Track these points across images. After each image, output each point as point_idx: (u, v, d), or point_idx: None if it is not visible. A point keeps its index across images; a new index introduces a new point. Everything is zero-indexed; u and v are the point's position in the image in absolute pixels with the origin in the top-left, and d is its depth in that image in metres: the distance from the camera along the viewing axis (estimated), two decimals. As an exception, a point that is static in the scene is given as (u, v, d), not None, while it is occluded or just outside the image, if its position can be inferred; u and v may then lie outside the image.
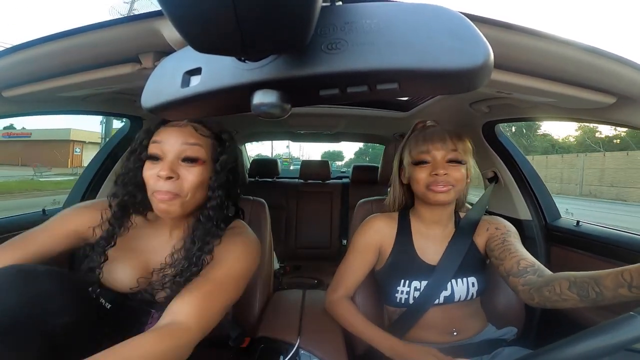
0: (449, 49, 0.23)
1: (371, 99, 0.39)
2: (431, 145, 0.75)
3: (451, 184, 0.74)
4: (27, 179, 12.71)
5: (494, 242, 0.77)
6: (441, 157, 0.75)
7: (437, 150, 0.75)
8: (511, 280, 0.68)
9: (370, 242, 0.82)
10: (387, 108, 1.46)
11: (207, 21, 0.20)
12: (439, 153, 0.75)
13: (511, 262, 0.69)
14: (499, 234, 0.78)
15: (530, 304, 0.65)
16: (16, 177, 12.91)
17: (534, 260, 0.69)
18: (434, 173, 0.74)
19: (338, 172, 4.01)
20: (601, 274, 0.55)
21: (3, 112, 0.83)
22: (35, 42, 0.58)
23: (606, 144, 17.44)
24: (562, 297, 0.58)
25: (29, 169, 16.86)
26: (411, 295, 0.77)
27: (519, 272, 0.67)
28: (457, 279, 0.76)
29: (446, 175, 0.74)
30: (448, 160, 0.75)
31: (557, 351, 0.39)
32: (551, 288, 0.59)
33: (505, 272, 0.70)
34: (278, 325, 0.83)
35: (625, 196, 12.21)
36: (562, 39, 0.52)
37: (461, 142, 0.76)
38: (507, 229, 0.80)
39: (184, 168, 0.60)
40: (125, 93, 0.89)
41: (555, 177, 14.49)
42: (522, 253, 0.71)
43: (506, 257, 0.71)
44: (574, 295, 0.57)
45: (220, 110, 0.34)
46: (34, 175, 13.94)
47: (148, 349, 0.45)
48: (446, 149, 0.75)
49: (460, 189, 0.76)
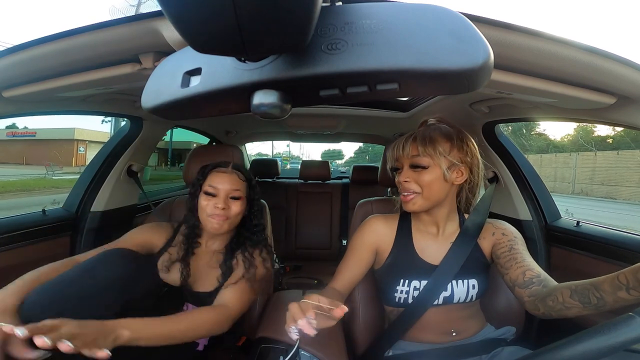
0: (449, 49, 0.23)
1: (371, 99, 0.39)
2: (399, 151, 0.76)
3: (415, 191, 0.74)
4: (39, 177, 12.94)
5: (500, 250, 0.76)
6: (406, 163, 0.75)
7: (402, 157, 0.76)
8: (517, 291, 0.68)
9: (366, 241, 0.82)
10: (387, 108, 1.46)
11: (207, 21, 0.20)
12: (404, 159, 0.75)
13: (517, 273, 0.69)
14: (506, 241, 0.77)
15: (536, 315, 0.64)
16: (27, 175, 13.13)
17: (540, 271, 0.68)
18: (400, 180, 0.76)
19: (338, 172, 4.01)
20: (599, 279, 0.55)
21: (3, 112, 0.83)
22: (35, 42, 0.58)
23: (598, 144, 17.59)
24: (565, 305, 0.58)
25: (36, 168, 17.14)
26: (410, 294, 0.76)
27: (525, 283, 0.66)
28: (457, 280, 0.76)
29: (406, 182, 0.74)
30: (410, 166, 0.75)
31: (557, 351, 0.39)
32: (554, 298, 0.59)
33: (510, 281, 0.70)
34: (278, 325, 0.83)
35: (616, 194, 12.49)
36: (562, 39, 0.52)
37: (431, 145, 0.72)
38: (514, 235, 0.78)
39: (231, 202, 0.86)
40: (125, 93, 0.89)
41: (549, 175, 14.76)
42: (529, 263, 0.70)
43: (512, 266, 0.71)
44: (577, 302, 0.57)
45: (220, 111, 0.34)
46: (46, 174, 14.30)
47: (205, 316, 0.73)
48: (407, 155, 0.74)
49: (431, 193, 0.74)
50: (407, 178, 0.74)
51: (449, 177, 0.73)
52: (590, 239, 1.02)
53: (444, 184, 0.74)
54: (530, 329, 1.10)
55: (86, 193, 1.21)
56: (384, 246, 0.82)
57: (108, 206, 1.23)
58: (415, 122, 0.87)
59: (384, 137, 2.25)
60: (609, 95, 0.67)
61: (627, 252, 0.91)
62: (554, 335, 0.44)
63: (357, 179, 2.30)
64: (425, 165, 0.73)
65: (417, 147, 0.73)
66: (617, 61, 0.56)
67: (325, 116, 1.59)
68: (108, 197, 1.23)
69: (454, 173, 0.74)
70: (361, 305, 0.90)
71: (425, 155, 0.72)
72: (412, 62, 0.23)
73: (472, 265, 0.77)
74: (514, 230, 0.80)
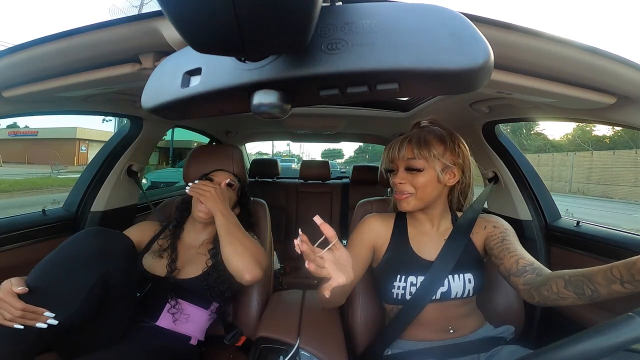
0: (449, 49, 0.23)
1: (371, 99, 0.39)
2: (394, 153, 0.78)
3: (409, 192, 0.76)
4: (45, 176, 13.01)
5: (492, 241, 0.78)
6: (401, 165, 0.78)
7: (397, 159, 0.78)
8: (512, 279, 0.69)
9: (364, 239, 0.84)
10: (387, 108, 1.46)
11: (207, 21, 0.20)
12: (399, 162, 0.78)
13: (510, 262, 0.71)
14: (498, 233, 0.79)
15: (532, 303, 0.65)
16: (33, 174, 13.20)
17: (532, 259, 0.70)
18: (395, 181, 0.78)
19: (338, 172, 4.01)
20: (592, 271, 0.56)
21: (3, 112, 0.83)
22: (36, 42, 0.58)
23: (595, 144, 17.66)
24: (560, 295, 0.59)
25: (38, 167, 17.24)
26: (407, 290, 0.77)
27: (519, 272, 0.68)
28: (453, 275, 0.77)
29: (402, 184, 0.77)
30: (406, 168, 0.77)
31: (557, 352, 0.39)
32: (548, 287, 0.60)
33: (505, 271, 0.71)
34: (278, 325, 0.83)
35: (612, 193, 12.63)
36: (562, 39, 0.52)
37: (426, 147, 0.74)
38: (505, 227, 0.81)
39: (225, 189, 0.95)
40: (125, 93, 0.89)
41: (546, 174, 14.90)
42: (521, 252, 0.72)
43: (505, 256, 0.73)
44: (571, 293, 0.57)
45: (221, 111, 0.34)
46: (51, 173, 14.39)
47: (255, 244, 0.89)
48: (403, 157, 0.77)
49: (425, 194, 0.77)
50: (403, 180, 0.77)
51: (442, 179, 0.76)
52: (590, 239, 1.02)
53: (437, 185, 0.77)
54: (530, 328, 1.10)
55: (86, 193, 1.21)
56: (381, 242, 0.84)
57: (108, 206, 1.23)
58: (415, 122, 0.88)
59: (384, 137, 2.25)
60: (609, 95, 0.67)
61: (627, 252, 0.91)
62: (554, 335, 0.44)
63: (357, 179, 2.30)
64: (420, 167, 0.75)
65: (412, 149, 0.76)
66: (618, 61, 0.56)
67: (325, 116, 1.59)
68: (108, 197, 1.23)
69: (447, 175, 0.77)
70: (361, 305, 0.91)
71: (420, 158, 0.75)
72: (412, 62, 0.23)
73: (467, 260, 0.79)
74: (504, 222, 0.83)
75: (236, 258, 0.82)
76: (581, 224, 1.10)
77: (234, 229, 0.85)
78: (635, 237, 0.93)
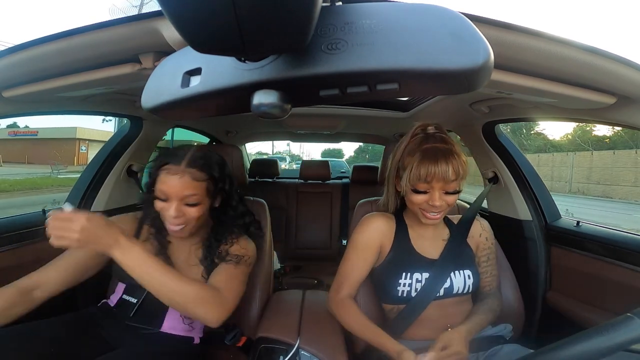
0: (449, 49, 0.23)
1: (371, 99, 0.39)
2: (432, 179, 0.72)
3: (444, 209, 0.76)
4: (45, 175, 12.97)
5: (481, 256, 0.88)
6: (439, 188, 0.73)
7: (437, 184, 0.73)
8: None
9: (371, 239, 0.83)
10: (387, 108, 1.46)
11: (207, 21, 0.20)
12: (438, 185, 0.73)
13: (483, 283, 0.87)
14: (486, 248, 0.89)
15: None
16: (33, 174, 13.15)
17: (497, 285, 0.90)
18: (430, 203, 0.74)
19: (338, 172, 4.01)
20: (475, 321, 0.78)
21: (3, 112, 0.83)
22: (36, 42, 0.58)
23: (595, 144, 17.67)
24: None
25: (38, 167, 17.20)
26: (413, 287, 0.78)
27: (481, 294, 0.88)
28: (454, 272, 0.80)
29: (441, 205, 0.74)
30: (445, 192, 0.74)
31: (556, 352, 0.39)
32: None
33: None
34: (278, 325, 0.83)
35: (612, 193, 12.64)
36: (562, 39, 0.52)
37: (461, 163, 0.72)
38: (492, 241, 0.90)
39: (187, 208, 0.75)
40: (125, 93, 0.89)
41: (546, 174, 14.87)
42: (494, 276, 0.89)
43: (482, 276, 0.86)
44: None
45: (220, 111, 0.34)
46: (51, 173, 14.32)
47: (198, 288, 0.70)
48: (447, 182, 0.72)
49: (450, 207, 0.77)
50: (440, 202, 0.73)
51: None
52: (590, 239, 1.02)
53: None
54: (530, 328, 1.10)
55: (86, 193, 1.20)
56: (386, 242, 0.84)
57: (108, 206, 1.23)
58: (415, 122, 0.87)
59: (384, 137, 2.25)
60: (609, 95, 0.67)
61: (627, 252, 0.91)
62: (553, 334, 0.44)
63: (357, 179, 2.30)
64: (459, 189, 0.75)
65: (455, 171, 0.72)
66: (618, 61, 0.56)
67: (325, 116, 1.59)
68: (108, 197, 1.22)
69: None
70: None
71: (461, 177, 0.73)
72: (412, 62, 0.23)
73: (464, 258, 0.83)
74: (492, 234, 0.92)
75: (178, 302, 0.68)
76: (581, 224, 1.10)
77: (148, 276, 0.65)
78: (635, 237, 0.93)
